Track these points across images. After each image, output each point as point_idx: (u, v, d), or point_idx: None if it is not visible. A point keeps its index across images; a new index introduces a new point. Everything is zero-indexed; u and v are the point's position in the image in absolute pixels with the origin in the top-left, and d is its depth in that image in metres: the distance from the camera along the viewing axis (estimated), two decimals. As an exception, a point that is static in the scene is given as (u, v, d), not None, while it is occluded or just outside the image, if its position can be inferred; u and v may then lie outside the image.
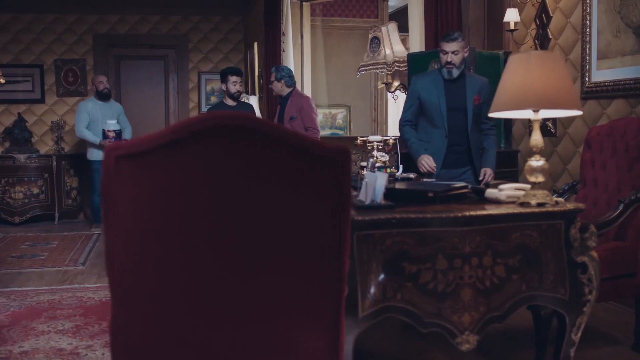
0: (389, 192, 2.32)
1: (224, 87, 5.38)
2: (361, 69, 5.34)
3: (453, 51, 3.69)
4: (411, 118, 3.87)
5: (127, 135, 7.05)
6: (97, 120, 6.90)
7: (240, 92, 5.37)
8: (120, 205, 1.48)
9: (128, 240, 1.49)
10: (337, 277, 1.60)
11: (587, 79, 4.10)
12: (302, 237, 1.54)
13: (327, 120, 9.00)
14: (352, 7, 9.00)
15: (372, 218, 2.07)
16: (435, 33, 5.35)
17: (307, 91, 7.18)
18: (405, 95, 5.48)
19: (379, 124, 9.13)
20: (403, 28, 9.73)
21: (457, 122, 3.78)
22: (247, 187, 1.48)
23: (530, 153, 2.31)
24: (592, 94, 4.05)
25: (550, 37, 4.48)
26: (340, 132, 9.01)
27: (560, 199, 2.34)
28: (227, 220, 1.48)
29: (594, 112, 4.06)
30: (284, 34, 6.73)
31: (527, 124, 4.75)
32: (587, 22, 4.08)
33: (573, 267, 2.25)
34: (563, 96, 2.24)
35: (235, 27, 8.71)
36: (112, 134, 6.69)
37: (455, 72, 3.74)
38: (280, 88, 5.22)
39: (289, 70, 5.27)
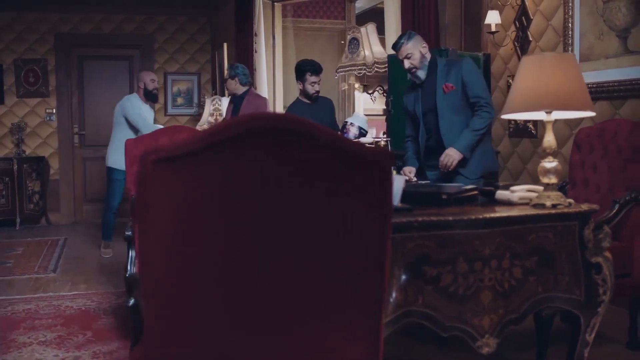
0: (403, 195, 2.29)
1: (300, 86, 4.71)
2: (339, 70, 5.30)
3: (405, 56, 3.52)
4: (410, 132, 3.73)
5: None
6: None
7: (318, 93, 4.70)
8: (157, 211, 1.40)
9: (165, 248, 1.41)
10: (379, 283, 1.55)
11: (569, 81, 4.15)
12: (345, 241, 1.49)
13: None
14: (320, 9, 8.96)
15: (394, 221, 2.03)
16: (413, 35, 5.36)
17: (279, 93, 7.11)
18: (383, 97, 5.48)
19: (346, 125, 9.10)
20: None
21: (431, 124, 3.57)
22: (290, 190, 1.42)
23: (543, 154, 2.31)
24: (575, 95, 4.11)
25: (531, 39, 4.54)
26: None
27: (571, 200, 2.35)
28: (269, 225, 1.42)
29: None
30: (256, 35, 6.64)
31: (507, 125, 4.80)
32: (569, 24, 4.15)
33: (588, 268, 2.26)
34: (577, 97, 2.25)
35: (202, 27, 8.56)
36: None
37: (422, 73, 3.55)
38: (234, 86, 5.09)
39: (244, 68, 5.15)
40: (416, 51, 3.50)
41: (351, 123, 4.67)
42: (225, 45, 7.47)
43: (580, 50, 4.07)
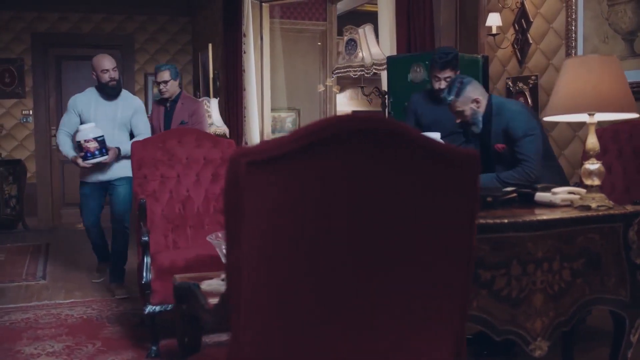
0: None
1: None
2: (336, 71, 5.26)
3: (455, 111, 3.19)
4: None
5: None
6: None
7: (442, 91, 3.77)
8: (250, 217, 1.34)
9: (257, 255, 1.35)
10: (466, 285, 1.52)
11: (572, 83, 4.20)
12: (438, 243, 1.46)
13: (276, 123, 8.86)
14: (301, 10, 8.92)
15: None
16: (408, 37, 5.36)
17: (267, 94, 7.03)
18: (379, 99, 5.46)
19: (328, 127, 9.08)
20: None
21: None
22: (386, 192, 1.39)
23: (587, 156, 2.31)
24: (578, 97, 4.16)
25: (531, 42, 4.57)
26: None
27: (610, 202, 2.35)
28: (365, 226, 1.38)
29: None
30: (244, 35, 6.55)
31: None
32: (572, 27, 4.19)
33: (632, 269, 2.27)
34: (621, 99, 2.26)
35: (183, 27, 8.42)
36: (92, 146, 4.18)
37: (476, 128, 3.16)
38: (175, 88, 4.85)
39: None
40: (467, 107, 3.10)
41: None
42: (210, 45, 7.35)
43: (584, 53, 4.12)
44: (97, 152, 4.22)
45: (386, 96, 5.40)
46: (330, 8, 9.12)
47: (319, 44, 9.05)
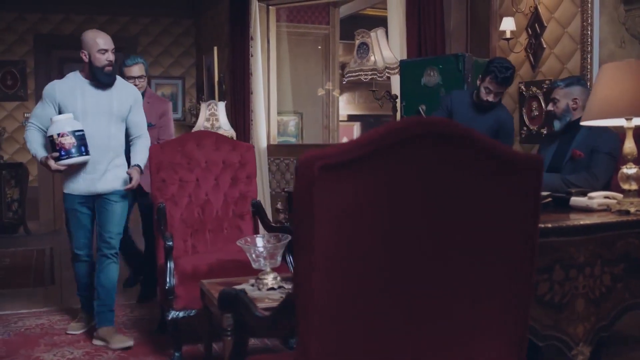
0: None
1: (478, 82, 3.78)
2: (348, 75, 5.25)
3: (552, 98, 3.28)
4: None
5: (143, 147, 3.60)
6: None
7: (490, 104, 3.74)
8: (321, 220, 1.32)
9: (331, 259, 1.33)
10: (529, 290, 1.51)
11: (588, 87, 4.20)
12: (503, 247, 1.46)
13: (279, 127, 8.85)
14: (305, 14, 8.91)
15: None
16: (418, 40, 5.36)
17: (273, 97, 7.01)
18: (389, 102, 5.45)
19: (331, 131, 9.09)
20: (353, 36, 9.73)
21: None
22: (453, 196, 1.38)
23: (625, 160, 2.31)
24: (594, 102, 4.17)
25: (545, 46, 4.58)
26: (293, 140, 8.89)
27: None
28: (435, 232, 1.37)
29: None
30: (252, 39, 6.53)
31: (519, 131, 4.83)
32: (588, 32, 4.20)
33: (671, 274, 2.26)
34: (659, 104, 2.25)
35: (186, 30, 8.40)
36: (68, 142, 3.23)
37: (557, 124, 3.25)
38: (145, 85, 4.26)
39: None
40: (563, 100, 3.19)
41: None
42: (215, 48, 7.31)
43: (600, 58, 4.13)
44: (73, 150, 3.23)
45: (397, 100, 5.40)
46: (333, 12, 9.12)
47: (319, 47, 9.05)
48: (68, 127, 3.26)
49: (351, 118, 13.46)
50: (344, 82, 5.59)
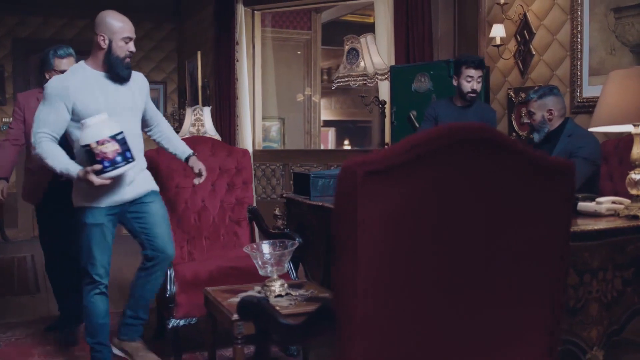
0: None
1: (455, 82, 3.84)
2: (337, 80, 5.25)
3: (527, 111, 3.41)
4: None
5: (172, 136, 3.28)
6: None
7: (475, 93, 3.82)
8: (364, 226, 1.30)
9: (374, 265, 1.32)
10: (562, 296, 1.52)
11: (577, 94, 4.27)
12: (544, 252, 1.46)
13: (262, 132, 8.81)
14: (286, 19, 8.91)
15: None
16: (407, 47, 5.39)
17: (258, 103, 6.97)
18: (378, 107, 5.47)
19: (312, 136, 9.09)
20: (334, 41, 9.72)
21: None
22: (494, 201, 1.38)
23: (632, 166, 2.34)
24: (584, 108, 4.22)
25: (534, 53, 4.64)
26: (275, 145, 8.86)
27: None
28: (478, 238, 1.37)
29: (585, 125, 4.23)
30: (237, 44, 6.50)
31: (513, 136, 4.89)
32: (578, 39, 4.26)
33: (679, 278, 2.30)
34: (666, 110, 2.29)
35: (168, 35, 8.31)
36: (111, 150, 2.66)
37: (536, 136, 3.39)
38: None
39: None
40: (539, 113, 3.31)
41: None
42: (199, 53, 7.27)
43: (590, 65, 4.19)
44: (119, 159, 2.65)
45: (385, 105, 5.42)
46: (315, 17, 9.13)
47: (299, 52, 9.05)
48: (107, 131, 2.65)
49: (327, 124, 13.50)
50: (333, 88, 5.58)
